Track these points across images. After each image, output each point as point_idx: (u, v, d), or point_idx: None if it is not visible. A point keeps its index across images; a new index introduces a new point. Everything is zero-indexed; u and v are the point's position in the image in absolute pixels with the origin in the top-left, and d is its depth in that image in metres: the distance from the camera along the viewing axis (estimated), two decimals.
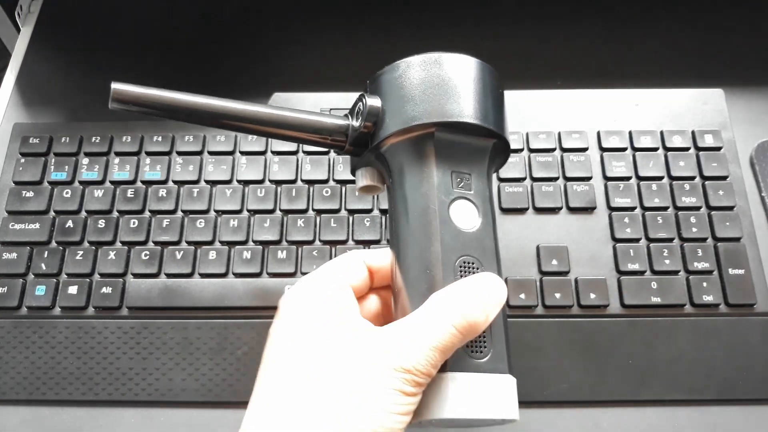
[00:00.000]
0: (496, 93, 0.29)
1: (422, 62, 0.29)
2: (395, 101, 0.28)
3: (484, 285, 0.26)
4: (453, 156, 0.28)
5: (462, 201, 0.28)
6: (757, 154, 0.45)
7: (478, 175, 0.28)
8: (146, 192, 0.43)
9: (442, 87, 0.28)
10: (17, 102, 0.49)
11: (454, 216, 0.27)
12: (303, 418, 0.23)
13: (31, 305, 0.40)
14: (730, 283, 0.40)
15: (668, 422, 0.38)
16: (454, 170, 0.28)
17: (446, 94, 0.28)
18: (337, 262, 0.29)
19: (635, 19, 0.52)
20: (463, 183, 0.28)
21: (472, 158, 0.28)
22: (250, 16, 0.53)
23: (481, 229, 0.27)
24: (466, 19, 0.53)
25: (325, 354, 0.24)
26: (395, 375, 0.23)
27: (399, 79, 0.29)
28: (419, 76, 0.28)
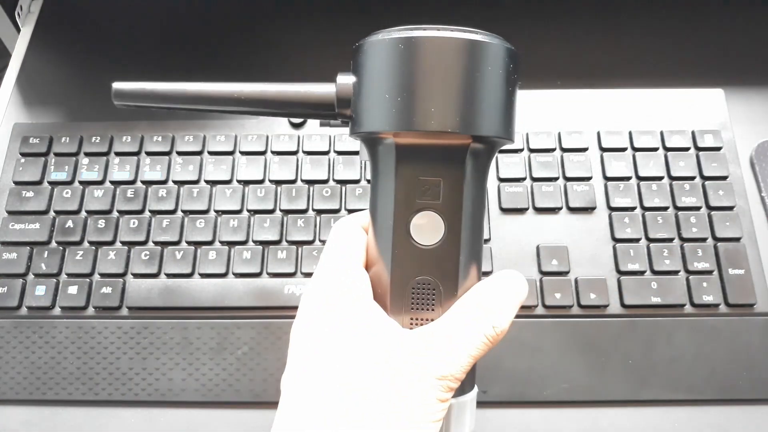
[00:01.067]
0: (487, 77, 0.24)
1: (386, 46, 0.24)
2: (364, 92, 0.25)
3: (510, 291, 0.26)
4: (419, 163, 0.24)
5: (426, 213, 0.25)
6: (757, 154, 0.45)
7: (452, 181, 0.24)
8: (146, 192, 0.43)
9: (405, 82, 0.23)
10: (17, 102, 0.49)
11: (414, 230, 0.25)
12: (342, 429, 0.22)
13: (31, 305, 0.40)
14: (730, 283, 0.40)
15: (668, 422, 0.38)
16: (421, 177, 0.24)
17: (408, 92, 0.23)
18: (340, 240, 0.27)
19: (635, 19, 0.52)
20: (431, 192, 0.24)
21: (444, 164, 0.24)
22: (250, 16, 0.53)
23: (444, 243, 0.25)
24: (466, 19, 0.53)
25: (358, 363, 0.23)
26: (435, 383, 0.23)
27: (364, 67, 0.25)
28: (382, 66, 0.24)
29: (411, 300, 0.25)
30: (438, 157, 0.24)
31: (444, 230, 0.25)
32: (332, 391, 0.23)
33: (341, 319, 0.24)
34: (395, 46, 0.24)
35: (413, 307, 0.25)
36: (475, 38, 0.23)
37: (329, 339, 0.24)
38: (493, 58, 0.24)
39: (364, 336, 0.24)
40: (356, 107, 0.25)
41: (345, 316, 0.25)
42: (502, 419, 0.37)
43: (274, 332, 0.39)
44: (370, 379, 0.23)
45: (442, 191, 0.24)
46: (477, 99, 0.24)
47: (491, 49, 0.24)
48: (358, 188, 0.43)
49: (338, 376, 0.23)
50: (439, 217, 0.25)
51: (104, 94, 0.49)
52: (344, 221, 0.28)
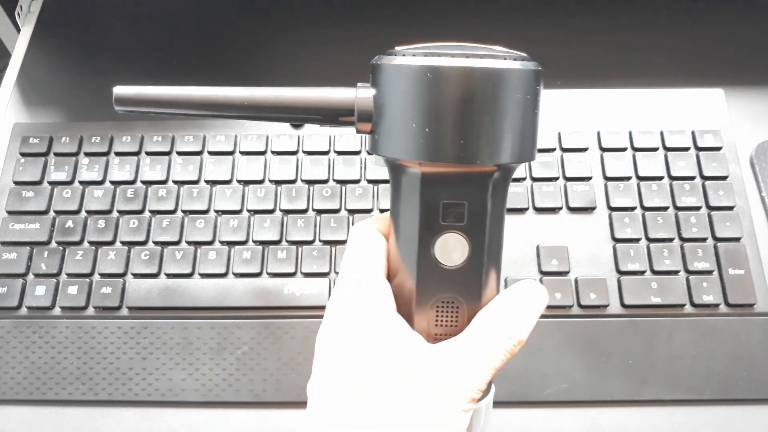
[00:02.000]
0: (513, 105, 0.23)
1: (423, 74, 0.23)
2: (387, 113, 0.24)
3: (529, 304, 0.26)
4: (444, 188, 0.24)
5: (450, 234, 0.25)
6: (757, 154, 0.45)
7: (476, 203, 0.25)
8: (146, 192, 0.43)
9: (431, 113, 0.23)
10: (17, 102, 0.49)
11: (438, 251, 0.25)
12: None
13: (31, 305, 0.40)
14: (730, 283, 0.40)
15: (668, 422, 0.38)
16: (446, 201, 0.25)
17: (435, 123, 0.23)
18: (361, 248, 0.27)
19: (635, 19, 0.52)
20: (455, 214, 0.25)
21: (468, 189, 0.25)
22: (250, 16, 0.53)
23: (469, 262, 0.25)
24: (467, 18, 0.53)
25: (385, 374, 0.23)
26: (461, 396, 0.23)
27: (393, 88, 0.24)
28: (407, 94, 0.24)
29: (435, 317, 0.25)
30: (463, 184, 0.24)
31: (468, 251, 0.25)
32: (358, 400, 0.23)
33: (365, 329, 0.25)
34: (423, 74, 0.23)
35: (437, 323, 0.26)
36: (506, 67, 0.23)
37: (354, 349, 0.24)
38: (523, 85, 0.23)
39: (391, 347, 0.24)
40: (379, 128, 0.25)
41: (369, 327, 0.25)
42: (503, 419, 0.37)
43: (274, 332, 0.39)
44: (396, 391, 0.23)
45: (466, 214, 0.25)
46: (507, 129, 0.24)
47: (522, 76, 0.23)
48: (358, 188, 0.43)
49: (364, 386, 0.23)
50: (464, 238, 0.25)
51: (104, 94, 0.49)
52: (363, 226, 0.28)
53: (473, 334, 0.25)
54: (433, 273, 0.25)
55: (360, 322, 0.25)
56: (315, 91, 0.26)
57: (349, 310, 0.25)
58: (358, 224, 0.28)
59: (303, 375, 0.38)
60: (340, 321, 0.26)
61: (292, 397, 0.38)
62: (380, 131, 0.25)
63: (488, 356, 0.24)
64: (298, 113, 0.27)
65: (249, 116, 0.27)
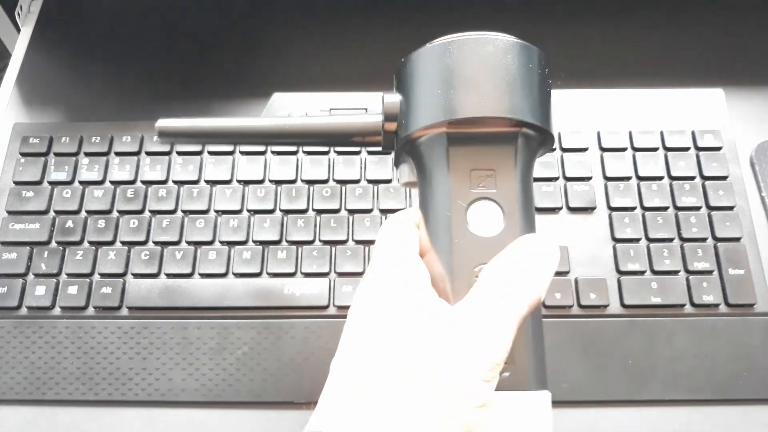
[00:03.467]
0: (527, 73, 0.26)
1: (434, 52, 0.26)
2: (411, 99, 0.26)
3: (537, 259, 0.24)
4: (472, 153, 0.25)
5: (483, 202, 0.25)
6: (757, 154, 0.45)
7: (505, 170, 0.25)
8: (146, 192, 0.43)
9: (454, 78, 0.25)
10: (17, 102, 0.49)
11: (472, 220, 0.25)
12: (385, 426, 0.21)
13: (31, 305, 0.40)
14: (730, 283, 0.40)
15: (668, 422, 0.38)
16: (474, 168, 0.25)
17: (458, 85, 0.25)
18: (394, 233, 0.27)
19: (635, 19, 0.52)
20: (485, 182, 0.25)
21: (495, 152, 0.26)
22: (250, 16, 0.53)
23: (505, 232, 0.25)
24: (467, 18, 0.53)
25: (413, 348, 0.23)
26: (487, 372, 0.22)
27: (412, 74, 0.27)
28: (431, 68, 0.26)
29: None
30: (489, 146, 0.25)
31: (503, 220, 0.25)
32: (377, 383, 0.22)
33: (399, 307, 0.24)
34: (445, 48, 0.26)
35: None
36: (518, 41, 0.26)
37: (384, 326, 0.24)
38: (534, 59, 0.26)
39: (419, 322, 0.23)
40: (405, 115, 0.26)
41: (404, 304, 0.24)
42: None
43: (274, 332, 0.39)
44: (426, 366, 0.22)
45: (496, 180, 0.25)
46: (523, 91, 0.26)
47: (532, 52, 0.26)
48: (358, 188, 0.43)
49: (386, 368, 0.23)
50: (497, 206, 0.25)
51: (104, 94, 0.49)
52: (395, 216, 0.28)
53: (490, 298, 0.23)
54: (469, 244, 0.25)
55: (393, 301, 0.24)
56: (340, 118, 0.29)
57: (383, 291, 0.25)
58: (390, 216, 0.29)
59: (303, 375, 0.38)
60: (371, 301, 0.25)
61: (292, 397, 0.38)
62: (407, 117, 0.26)
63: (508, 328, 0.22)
64: (328, 138, 0.29)
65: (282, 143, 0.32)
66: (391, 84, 0.29)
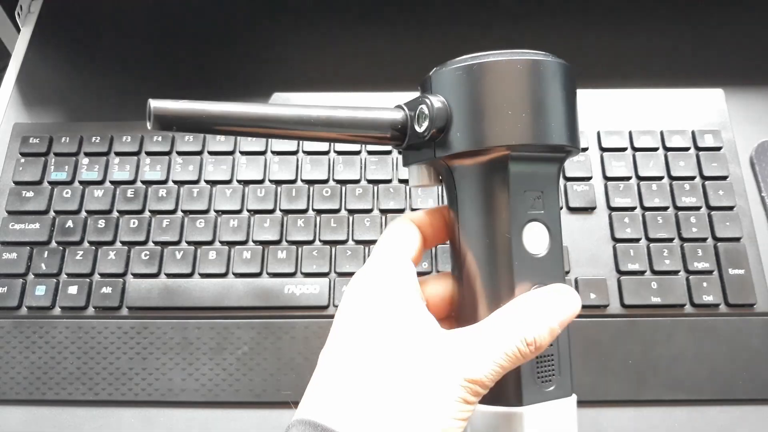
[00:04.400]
0: (571, 98, 0.27)
1: (495, 68, 0.25)
2: (464, 112, 0.26)
3: (552, 300, 0.25)
4: (526, 176, 0.26)
5: (534, 224, 0.26)
6: (757, 154, 0.45)
7: (549, 191, 0.27)
8: (146, 192, 0.43)
9: (516, 100, 0.25)
10: (17, 102, 0.49)
11: (526, 241, 0.26)
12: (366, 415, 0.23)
13: (31, 305, 0.40)
14: (730, 283, 0.40)
15: (668, 422, 0.38)
16: (527, 190, 0.26)
17: (520, 108, 0.25)
18: (393, 233, 0.28)
19: (635, 19, 0.52)
20: (535, 203, 0.26)
21: (544, 175, 0.27)
22: (250, 17, 0.53)
23: (551, 251, 0.26)
24: (467, 18, 0.53)
25: (392, 354, 0.24)
26: (463, 384, 0.23)
27: (468, 85, 0.26)
28: (491, 84, 0.25)
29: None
30: (540, 169, 0.26)
31: (548, 239, 0.26)
32: (359, 373, 0.24)
33: (379, 308, 0.25)
34: (513, 66, 0.25)
35: None
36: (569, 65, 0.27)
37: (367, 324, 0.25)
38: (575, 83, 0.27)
39: (402, 326, 0.25)
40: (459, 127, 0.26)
41: (383, 306, 0.25)
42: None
43: (274, 332, 0.39)
44: (395, 367, 0.23)
45: (543, 202, 0.26)
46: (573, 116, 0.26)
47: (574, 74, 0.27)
48: (358, 188, 0.43)
49: (367, 360, 0.24)
50: (544, 227, 0.26)
51: (104, 94, 0.49)
52: (399, 217, 0.29)
53: (486, 326, 0.25)
54: (527, 263, 0.26)
55: (376, 301, 0.25)
56: (363, 111, 0.27)
57: (369, 290, 0.26)
58: (395, 218, 0.30)
59: (303, 375, 0.38)
60: (358, 298, 0.26)
61: (292, 397, 0.38)
62: (462, 130, 0.26)
63: (497, 351, 0.24)
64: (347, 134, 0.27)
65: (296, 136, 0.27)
66: (391, 83, 0.28)
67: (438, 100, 0.26)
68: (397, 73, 0.48)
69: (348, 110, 0.27)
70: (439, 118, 0.26)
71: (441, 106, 0.26)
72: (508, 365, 0.24)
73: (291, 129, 0.26)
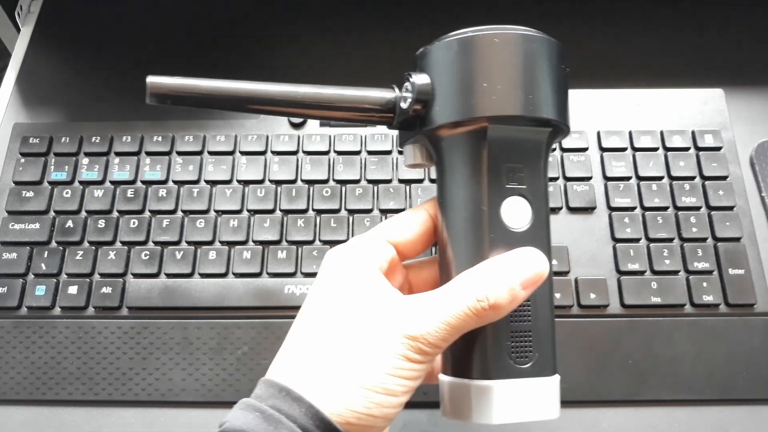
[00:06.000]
0: (557, 72, 0.26)
1: (476, 42, 0.26)
2: (446, 85, 0.26)
3: (513, 260, 0.25)
4: (507, 149, 0.26)
5: (514, 198, 0.26)
6: (757, 154, 0.45)
7: (533, 167, 0.26)
8: (146, 192, 0.43)
9: (497, 72, 0.25)
10: (17, 102, 0.49)
11: (505, 215, 0.26)
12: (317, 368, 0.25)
13: (31, 305, 0.40)
14: (730, 283, 0.40)
15: (668, 422, 0.38)
16: (507, 164, 0.26)
17: (501, 81, 0.25)
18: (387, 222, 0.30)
19: (635, 19, 0.52)
20: (516, 177, 0.26)
21: (526, 150, 0.26)
22: (250, 17, 0.53)
23: (533, 227, 0.26)
24: (467, 18, 0.52)
25: (349, 315, 0.25)
26: (402, 341, 0.24)
27: (450, 60, 0.26)
28: (472, 58, 0.26)
29: None
30: (523, 143, 0.26)
31: (531, 214, 0.26)
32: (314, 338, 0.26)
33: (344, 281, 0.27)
34: (491, 40, 0.26)
35: None
36: (556, 41, 0.27)
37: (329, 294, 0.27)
38: (562, 59, 0.27)
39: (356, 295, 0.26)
40: (440, 101, 0.26)
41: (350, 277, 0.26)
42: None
43: (274, 332, 0.39)
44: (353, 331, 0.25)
45: (526, 177, 0.26)
46: (559, 91, 0.26)
47: (562, 51, 0.27)
48: (358, 188, 0.43)
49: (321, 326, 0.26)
50: (526, 201, 0.26)
51: (104, 94, 0.49)
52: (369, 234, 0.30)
53: (444, 288, 0.25)
54: (504, 237, 0.26)
55: (344, 273, 0.27)
56: (354, 90, 0.28)
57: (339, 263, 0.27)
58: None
59: None
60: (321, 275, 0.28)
61: None
62: (442, 104, 0.26)
63: (442, 308, 0.24)
64: (338, 111, 0.28)
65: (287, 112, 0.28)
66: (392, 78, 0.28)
67: (421, 76, 0.26)
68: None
69: (338, 88, 0.28)
70: (421, 93, 0.26)
71: (424, 82, 0.26)
72: (459, 323, 0.24)
73: (281, 106, 0.27)
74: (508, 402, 0.25)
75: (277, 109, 0.28)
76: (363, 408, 0.23)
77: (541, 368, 0.26)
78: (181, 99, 0.26)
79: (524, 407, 0.25)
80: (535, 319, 0.26)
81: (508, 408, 0.25)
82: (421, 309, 0.24)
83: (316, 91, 0.27)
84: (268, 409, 0.23)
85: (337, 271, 0.27)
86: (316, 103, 0.27)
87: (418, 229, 0.29)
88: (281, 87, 0.27)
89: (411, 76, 0.27)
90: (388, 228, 0.29)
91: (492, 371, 0.26)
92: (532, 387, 0.26)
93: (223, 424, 0.24)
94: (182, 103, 0.27)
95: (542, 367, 0.26)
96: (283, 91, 0.27)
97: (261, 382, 0.25)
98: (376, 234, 0.29)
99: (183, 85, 0.26)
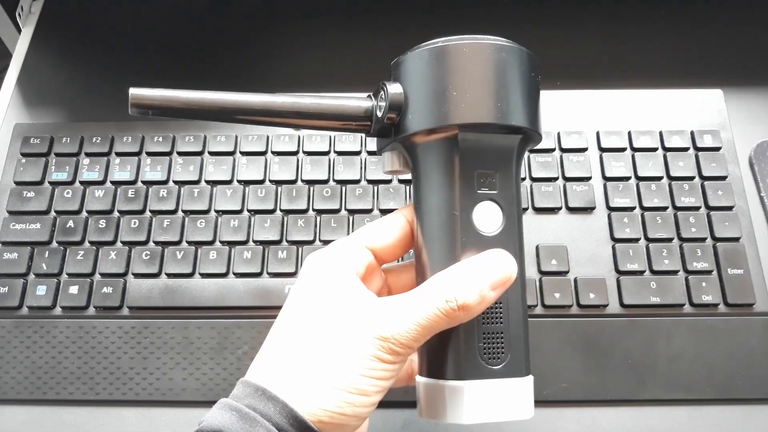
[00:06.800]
0: (528, 80, 0.27)
1: (447, 51, 0.26)
2: (418, 94, 0.27)
3: (482, 263, 0.26)
4: (478, 156, 0.27)
5: (486, 203, 0.27)
6: (756, 154, 0.45)
7: (504, 172, 0.27)
8: (147, 192, 0.44)
9: (467, 81, 0.26)
10: (18, 102, 0.49)
11: (477, 219, 0.27)
12: (292, 369, 0.25)
13: (32, 305, 0.40)
14: (729, 283, 0.40)
15: (668, 422, 0.38)
16: (479, 170, 0.27)
17: (470, 89, 0.26)
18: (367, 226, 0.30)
19: (635, 19, 0.52)
20: (488, 183, 0.27)
21: (497, 156, 0.27)
22: (250, 17, 0.53)
23: (504, 231, 0.27)
24: (466, 18, 0.53)
25: (323, 317, 0.26)
26: (374, 342, 0.24)
27: (422, 69, 0.27)
28: (443, 67, 0.26)
29: None
30: (494, 149, 0.27)
31: (502, 219, 0.27)
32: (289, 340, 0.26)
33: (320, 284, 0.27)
34: (461, 49, 0.26)
35: None
36: (527, 50, 0.27)
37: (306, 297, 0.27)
38: (536, 67, 0.28)
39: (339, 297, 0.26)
40: (412, 109, 0.27)
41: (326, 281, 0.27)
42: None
43: None
44: (327, 332, 0.25)
45: (497, 182, 0.27)
46: (530, 99, 0.27)
47: (535, 60, 0.28)
48: (358, 188, 0.43)
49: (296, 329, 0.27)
50: (497, 206, 0.27)
51: (105, 95, 0.49)
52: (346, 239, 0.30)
53: (415, 290, 0.26)
54: (475, 241, 0.26)
55: (320, 277, 0.28)
56: (331, 100, 0.28)
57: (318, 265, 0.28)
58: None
59: None
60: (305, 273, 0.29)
61: None
62: (415, 112, 0.27)
63: (412, 309, 0.25)
64: (316, 120, 0.29)
65: (266, 122, 0.29)
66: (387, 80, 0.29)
67: (395, 85, 0.27)
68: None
69: (316, 98, 0.28)
70: (394, 102, 0.27)
71: (396, 91, 0.27)
72: (429, 324, 0.25)
73: (260, 116, 0.28)
74: (480, 402, 0.26)
75: (257, 119, 0.28)
76: (336, 407, 0.24)
77: (513, 369, 0.26)
78: (163, 110, 0.27)
79: (496, 407, 0.26)
80: (507, 321, 0.27)
81: (479, 408, 0.26)
82: (393, 310, 0.25)
83: (294, 101, 0.28)
84: (244, 408, 0.24)
85: (314, 275, 0.28)
86: (295, 112, 0.28)
87: (396, 234, 0.30)
88: (262, 98, 0.28)
89: (385, 86, 0.27)
90: (367, 233, 0.30)
91: (464, 372, 0.26)
92: (504, 387, 0.26)
93: (201, 423, 0.25)
94: (164, 114, 0.27)
95: (515, 367, 0.27)
96: (262, 102, 0.28)
97: (239, 382, 0.27)
98: (355, 239, 0.29)
99: (164, 97, 0.27)
